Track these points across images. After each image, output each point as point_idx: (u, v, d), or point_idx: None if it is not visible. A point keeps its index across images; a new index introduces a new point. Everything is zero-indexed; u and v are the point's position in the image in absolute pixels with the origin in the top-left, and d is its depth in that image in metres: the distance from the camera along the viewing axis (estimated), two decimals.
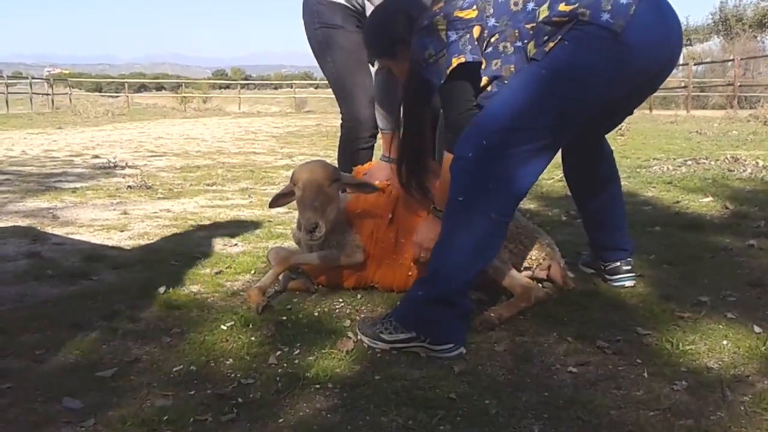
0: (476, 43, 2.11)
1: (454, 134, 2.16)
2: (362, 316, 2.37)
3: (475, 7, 2.12)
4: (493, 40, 2.12)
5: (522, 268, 2.60)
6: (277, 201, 2.66)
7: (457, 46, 2.10)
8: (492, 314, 2.28)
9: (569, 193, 2.91)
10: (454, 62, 2.10)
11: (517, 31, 2.08)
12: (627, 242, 2.73)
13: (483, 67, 2.14)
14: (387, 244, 2.62)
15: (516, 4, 2.10)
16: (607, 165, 2.69)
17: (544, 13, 2.04)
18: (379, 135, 3.09)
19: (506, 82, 2.12)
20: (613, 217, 2.73)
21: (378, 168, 2.86)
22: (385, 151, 2.93)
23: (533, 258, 2.62)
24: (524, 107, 2.03)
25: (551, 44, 2.00)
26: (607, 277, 2.72)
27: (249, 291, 2.54)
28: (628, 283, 2.67)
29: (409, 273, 2.57)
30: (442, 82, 2.15)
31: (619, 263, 2.68)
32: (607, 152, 2.70)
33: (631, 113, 2.57)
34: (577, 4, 1.98)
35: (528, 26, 2.07)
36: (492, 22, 2.11)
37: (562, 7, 2.00)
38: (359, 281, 2.68)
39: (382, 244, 2.62)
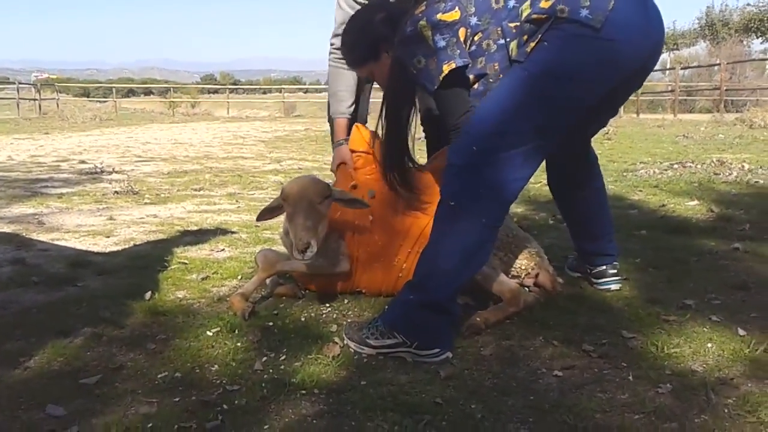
0: (463, 45, 2.12)
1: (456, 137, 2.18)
2: (348, 321, 2.37)
3: (457, 8, 2.12)
4: (476, 38, 2.13)
5: (510, 276, 2.60)
6: (265, 215, 2.62)
7: (446, 52, 2.11)
8: (478, 319, 2.28)
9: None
10: (445, 69, 2.10)
11: (499, 28, 2.11)
12: (613, 248, 2.74)
13: (469, 65, 2.15)
14: (372, 247, 2.61)
15: (497, 1, 2.11)
16: (592, 173, 2.70)
17: (526, 11, 2.06)
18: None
19: (491, 80, 2.14)
20: (599, 226, 2.73)
21: (337, 153, 2.87)
22: (339, 136, 2.93)
23: (522, 267, 2.61)
24: (510, 110, 2.03)
25: (532, 44, 2.01)
26: (593, 280, 2.73)
27: (232, 298, 2.53)
28: (613, 287, 2.68)
29: (399, 275, 2.57)
30: (435, 88, 2.15)
31: (604, 267, 2.69)
32: (592, 159, 2.70)
33: (616, 112, 2.57)
34: (556, 0, 1.98)
35: (512, 25, 2.09)
36: (474, 20, 2.13)
37: (542, 3, 2.01)
38: (348, 286, 2.67)
39: (367, 248, 2.62)
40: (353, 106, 2.98)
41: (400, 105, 2.38)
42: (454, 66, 2.10)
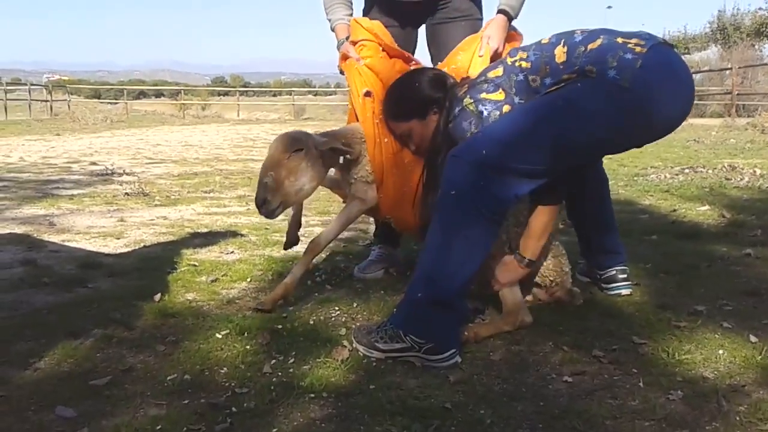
0: None
1: None
2: (358, 324, 2.37)
3: (501, 90, 2.19)
4: None
5: (533, 281, 2.58)
6: None
7: (489, 122, 2.17)
8: (466, 333, 2.23)
9: (564, 201, 2.91)
10: None
11: None
12: (620, 246, 2.75)
13: None
14: (401, 170, 2.62)
15: (534, 81, 2.17)
16: (598, 167, 2.72)
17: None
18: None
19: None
20: (604, 219, 2.74)
21: (340, 52, 2.87)
22: (340, 38, 2.91)
23: (549, 278, 2.56)
24: (525, 129, 2.08)
25: (555, 87, 2.10)
26: (604, 285, 2.71)
27: (276, 292, 2.56)
28: (624, 292, 2.67)
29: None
30: None
31: (614, 271, 2.68)
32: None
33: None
34: (584, 63, 2.06)
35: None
36: (518, 99, 2.18)
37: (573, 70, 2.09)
38: (377, 214, 2.81)
39: (396, 172, 2.62)
40: (352, 15, 2.97)
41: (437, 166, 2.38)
42: None
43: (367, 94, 2.65)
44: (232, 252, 3.58)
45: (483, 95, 2.20)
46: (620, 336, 2.24)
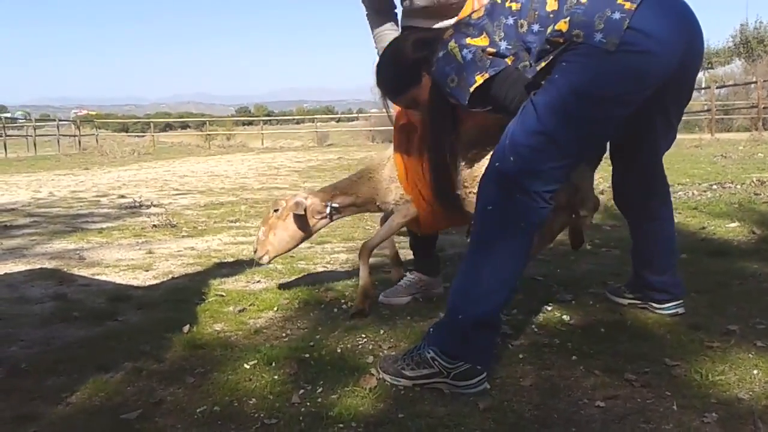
0: (493, 59, 2.10)
1: None
2: (383, 353, 2.35)
3: (485, 34, 2.12)
4: (509, 61, 2.11)
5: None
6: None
7: (475, 64, 2.09)
8: None
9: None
10: (479, 79, 2.08)
11: (528, 53, 2.09)
12: (676, 287, 2.67)
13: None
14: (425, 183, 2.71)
15: (521, 26, 2.10)
16: (665, 203, 2.66)
17: (549, 32, 2.05)
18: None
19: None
20: (664, 259, 2.67)
21: None
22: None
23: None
24: (543, 127, 2.02)
25: (543, 64, 2.03)
26: (655, 305, 2.67)
27: (358, 295, 2.90)
28: (680, 311, 2.63)
29: None
30: (467, 102, 2.14)
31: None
32: (665, 189, 2.66)
33: (674, 127, 2.56)
34: (571, 23, 1.97)
35: (539, 49, 2.08)
36: (504, 45, 2.11)
37: (559, 25, 2.00)
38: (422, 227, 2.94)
39: (421, 185, 2.74)
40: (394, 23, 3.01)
41: (441, 126, 2.38)
42: (487, 76, 2.08)
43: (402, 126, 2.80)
44: (258, 281, 3.60)
45: (468, 40, 2.12)
46: (652, 358, 2.21)
